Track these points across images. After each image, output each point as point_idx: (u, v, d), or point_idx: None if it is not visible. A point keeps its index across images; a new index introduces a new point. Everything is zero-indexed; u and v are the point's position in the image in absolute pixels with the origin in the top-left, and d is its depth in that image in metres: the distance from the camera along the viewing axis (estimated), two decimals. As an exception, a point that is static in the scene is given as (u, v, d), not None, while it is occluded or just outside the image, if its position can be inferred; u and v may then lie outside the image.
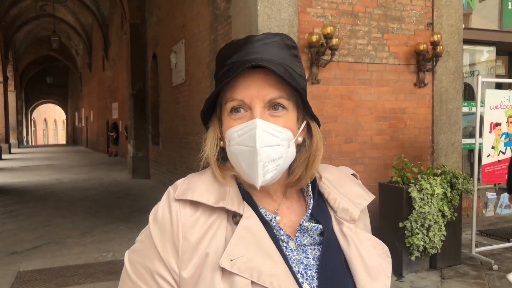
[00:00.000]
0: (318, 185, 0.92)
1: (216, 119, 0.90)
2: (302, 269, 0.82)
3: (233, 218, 0.83)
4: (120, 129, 17.31)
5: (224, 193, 0.84)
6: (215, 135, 0.89)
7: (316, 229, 0.86)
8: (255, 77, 0.82)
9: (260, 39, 0.85)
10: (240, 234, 0.79)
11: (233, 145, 0.83)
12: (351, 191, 0.93)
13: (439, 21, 5.35)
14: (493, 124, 4.74)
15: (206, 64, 6.82)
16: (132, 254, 0.85)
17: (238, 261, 0.76)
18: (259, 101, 0.82)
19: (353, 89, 4.99)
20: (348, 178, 0.97)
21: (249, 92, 0.82)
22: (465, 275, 4.29)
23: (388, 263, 0.89)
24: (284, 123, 0.83)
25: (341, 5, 4.92)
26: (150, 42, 11.20)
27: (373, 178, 4.90)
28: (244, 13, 4.91)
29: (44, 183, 11.44)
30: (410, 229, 4.16)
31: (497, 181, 5.00)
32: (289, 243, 0.84)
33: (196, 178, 0.88)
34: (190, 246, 0.79)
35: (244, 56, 0.83)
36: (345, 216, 0.89)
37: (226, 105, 0.85)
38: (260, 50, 0.83)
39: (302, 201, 0.92)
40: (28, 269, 4.61)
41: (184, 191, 0.84)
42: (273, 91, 0.82)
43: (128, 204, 8.23)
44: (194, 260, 0.79)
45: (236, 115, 0.84)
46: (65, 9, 22.86)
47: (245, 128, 0.81)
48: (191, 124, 7.81)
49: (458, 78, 5.50)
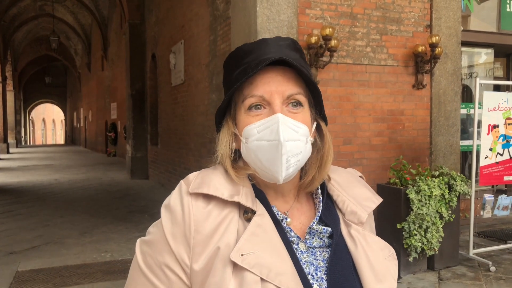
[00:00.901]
0: (327, 187, 0.93)
1: (230, 119, 0.90)
2: (313, 271, 0.84)
3: (245, 215, 0.83)
4: (119, 129, 17.30)
5: (238, 190, 0.85)
6: (229, 135, 0.89)
7: (326, 232, 0.87)
8: (273, 74, 0.84)
9: (274, 41, 0.87)
10: (252, 230, 0.80)
11: (251, 141, 0.83)
12: (359, 193, 0.94)
13: (437, 23, 5.36)
14: (491, 126, 4.76)
15: (205, 64, 6.83)
16: (143, 245, 0.86)
17: (248, 257, 0.77)
18: (278, 96, 0.84)
19: (352, 91, 5.00)
20: (356, 180, 0.98)
21: (268, 88, 0.84)
22: (463, 277, 4.31)
23: (395, 265, 0.90)
24: (302, 119, 0.85)
25: (340, 7, 4.93)
26: (149, 42, 11.20)
27: (371, 179, 4.92)
28: (243, 14, 4.92)
29: (43, 183, 11.43)
30: (408, 230, 4.18)
31: (494, 182, 5.02)
32: (300, 245, 0.86)
33: (209, 172, 0.88)
34: (202, 239, 0.80)
35: (261, 56, 0.84)
36: (353, 218, 0.90)
37: (244, 102, 0.85)
38: (275, 50, 0.85)
39: (311, 203, 0.93)
40: (26, 269, 4.61)
41: (199, 184, 0.84)
42: (292, 87, 0.85)
43: (126, 204, 8.23)
44: (205, 253, 0.80)
45: (255, 112, 0.85)
46: (64, 9, 22.83)
47: (266, 123, 0.82)
48: (190, 124, 7.82)
49: (457, 80, 5.52)
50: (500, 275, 4.33)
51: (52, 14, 21.84)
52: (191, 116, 7.72)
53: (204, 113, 6.94)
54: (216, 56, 6.27)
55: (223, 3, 5.94)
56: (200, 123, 7.15)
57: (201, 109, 7.12)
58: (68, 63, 31.37)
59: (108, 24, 19.17)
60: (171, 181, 9.21)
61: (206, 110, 6.82)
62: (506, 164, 4.87)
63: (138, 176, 11.75)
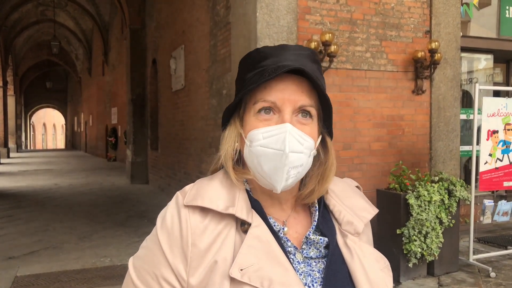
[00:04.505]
0: (324, 197, 0.93)
1: (238, 119, 0.89)
2: (310, 282, 0.83)
3: (242, 227, 0.83)
4: (119, 134, 17.32)
5: (233, 200, 0.84)
6: (236, 134, 0.89)
7: (322, 242, 0.86)
8: (289, 82, 0.84)
9: (294, 49, 0.87)
10: (250, 243, 0.80)
11: (255, 146, 0.83)
12: (355, 204, 0.94)
13: (437, 29, 5.38)
14: (490, 131, 4.76)
15: (206, 69, 6.85)
16: (137, 261, 0.84)
17: (248, 270, 0.76)
18: (290, 104, 0.83)
19: (351, 96, 5.01)
20: (352, 191, 0.98)
21: (282, 95, 0.83)
22: (463, 282, 4.30)
23: (390, 277, 0.89)
24: (310, 132, 0.85)
25: (340, 13, 4.95)
26: (149, 48, 11.24)
27: (371, 184, 4.91)
28: (243, 20, 4.94)
29: (43, 187, 11.42)
30: (407, 235, 4.17)
31: (494, 188, 5.01)
32: (296, 255, 0.85)
33: (205, 183, 0.88)
34: (199, 253, 0.79)
35: (280, 62, 0.84)
36: (350, 229, 0.89)
37: (255, 105, 0.85)
38: (294, 59, 0.85)
39: (308, 212, 0.93)
40: (25, 274, 4.60)
41: (194, 197, 0.84)
42: (305, 98, 0.84)
43: (126, 209, 8.22)
44: (202, 267, 0.79)
45: (264, 116, 0.84)
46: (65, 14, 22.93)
47: (273, 131, 0.82)
48: (190, 129, 7.83)
49: (456, 86, 5.53)
50: (500, 281, 4.32)
51: (53, 19, 21.94)
52: (191, 121, 7.73)
53: (204, 118, 6.95)
54: (216, 61, 6.29)
55: (223, 8, 5.96)
56: (200, 128, 7.16)
57: (201, 114, 7.12)
58: (69, 68, 31.47)
59: (109, 29, 19.24)
60: (171, 186, 9.21)
61: (206, 115, 6.82)
62: (506, 170, 4.87)
63: (138, 181, 11.75)
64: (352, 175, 4.89)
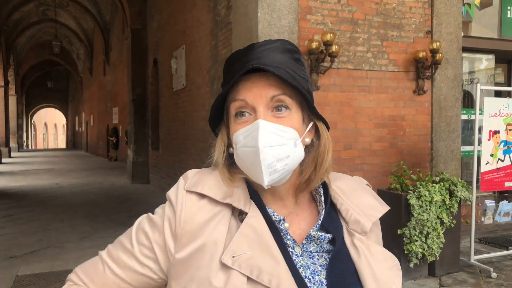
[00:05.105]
0: (331, 195, 0.92)
1: (224, 126, 0.92)
2: (309, 274, 0.83)
3: (239, 216, 0.85)
4: (120, 134, 17.33)
5: (231, 192, 0.86)
6: (223, 142, 0.91)
7: (324, 239, 0.86)
8: (257, 80, 0.85)
9: (261, 45, 0.88)
10: (244, 232, 0.81)
11: (239, 147, 0.85)
12: (364, 202, 0.93)
13: (438, 29, 5.38)
14: (492, 132, 4.75)
15: (207, 70, 6.85)
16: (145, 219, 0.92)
17: (239, 258, 0.78)
18: (261, 100, 0.84)
19: (353, 96, 5.01)
20: (362, 189, 0.97)
21: (250, 92, 0.85)
22: (464, 283, 4.29)
23: (399, 276, 0.89)
24: (289, 122, 0.85)
25: (341, 13, 4.95)
26: (150, 48, 11.24)
27: (372, 184, 4.82)
28: (244, 20, 4.94)
29: (44, 187, 11.43)
30: (408, 236, 4.17)
31: (495, 188, 5.00)
32: (295, 248, 0.85)
33: (207, 172, 0.91)
34: (190, 230, 0.83)
35: (246, 62, 0.85)
36: (357, 227, 0.89)
37: (231, 108, 0.87)
38: (261, 56, 0.86)
39: (314, 210, 0.92)
40: (26, 273, 4.60)
41: (194, 183, 0.87)
42: (275, 89, 0.84)
43: (127, 208, 8.23)
44: (191, 245, 0.82)
45: (241, 119, 0.86)
46: (66, 14, 22.95)
47: (249, 130, 0.83)
48: (191, 129, 7.83)
49: (457, 86, 5.52)
50: (502, 281, 4.31)
51: (54, 19, 21.97)
52: (192, 121, 7.74)
53: (205, 118, 6.93)
54: (217, 61, 6.29)
55: (224, 8, 5.97)
56: (201, 128, 7.16)
57: (202, 114, 7.12)
58: (70, 67, 31.48)
59: (110, 29, 19.25)
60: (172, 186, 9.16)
61: (207, 115, 6.73)
62: (507, 170, 4.87)
63: (139, 181, 11.75)
64: (353, 175, 4.87)
